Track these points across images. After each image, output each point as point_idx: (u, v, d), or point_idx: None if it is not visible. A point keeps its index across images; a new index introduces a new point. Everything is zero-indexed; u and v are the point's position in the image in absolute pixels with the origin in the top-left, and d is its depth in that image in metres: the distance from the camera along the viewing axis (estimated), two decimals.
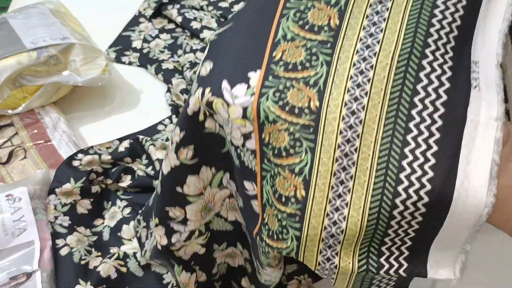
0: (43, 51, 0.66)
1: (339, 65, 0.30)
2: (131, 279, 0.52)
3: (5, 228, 0.52)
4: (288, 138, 0.30)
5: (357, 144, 0.30)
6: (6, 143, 0.64)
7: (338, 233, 0.31)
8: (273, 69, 0.31)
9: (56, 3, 0.82)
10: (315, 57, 0.31)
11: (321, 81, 0.30)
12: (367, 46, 0.30)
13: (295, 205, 0.31)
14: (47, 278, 0.50)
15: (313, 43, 0.31)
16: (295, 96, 0.30)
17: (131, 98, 0.74)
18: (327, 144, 0.30)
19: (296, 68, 0.31)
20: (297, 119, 0.30)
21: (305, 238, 0.31)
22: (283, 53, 0.31)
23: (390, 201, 0.29)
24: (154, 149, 0.61)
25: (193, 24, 0.79)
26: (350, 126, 0.30)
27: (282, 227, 0.32)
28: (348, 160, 0.30)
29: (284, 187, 0.31)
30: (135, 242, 0.55)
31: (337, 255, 0.32)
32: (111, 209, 0.58)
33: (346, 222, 0.30)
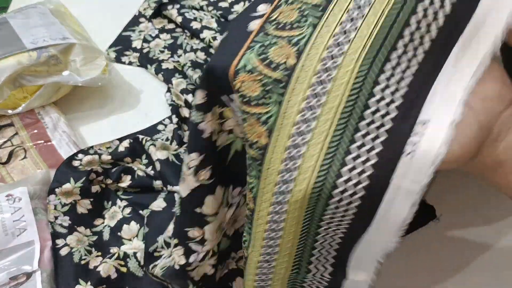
0: (43, 51, 0.66)
1: (324, 27, 0.31)
2: (131, 279, 0.52)
3: (5, 228, 0.52)
4: (260, 89, 0.32)
5: (318, 112, 0.31)
6: (6, 143, 0.64)
7: (287, 191, 0.32)
8: (266, 28, 0.33)
9: (56, 3, 0.82)
10: (304, 18, 0.32)
11: (303, 42, 0.31)
12: (351, 19, 0.31)
13: (258, 151, 0.33)
14: (47, 278, 0.50)
15: (307, 6, 0.33)
16: (276, 53, 0.32)
17: (131, 98, 0.74)
18: (291, 103, 0.31)
19: (285, 27, 0.32)
20: (271, 73, 0.31)
21: (263, 181, 0.33)
22: (279, 14, 0.33)
23: (333, 181, 0.30)
24: (154, 149, 0.61)
25: (193, 24, 0.79)
26: (315, 94, 0.31)
27: (249, 165, 0.34)
28: (306, 126, 0.31)
29: (250, 133, 0.33)
30: (135, 242, 0.55)
31: (281, 230, 0.34)
32: (111, 209, 0.58)
33: (294, 185, 0.32)
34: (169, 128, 0.68)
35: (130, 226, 0.56)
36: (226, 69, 0.33)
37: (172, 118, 0.68)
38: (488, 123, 0.31)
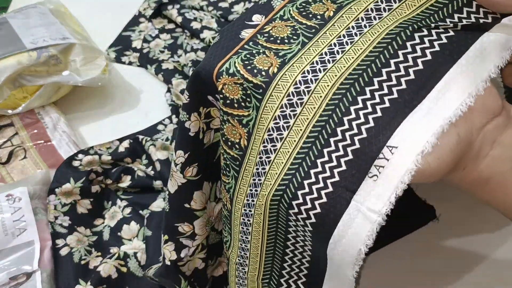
0: (43, 51, 0.66)
1: (313, 46, 0.33)
2: (131, 279, 0.52)
3: (5, 228, 0.52)
4: (241, 93, 0.33)
5: (291, 122, 0.31)
6: (6, 143, 0.64)
7: (255, 194, 0.33)
8: (257, 38, 0.34)
9: (56, 3, 0.82)
10: (296, 36, 0.34)
11: (289, 56, 0.33)
12: (341, 43, 0.33)
13: (238, 151, 0.34)
14: (47, 278, 0.50)
15: (301, 26, 0.34)
16: (260, 61, 0.33)
17: (131, 98, 0.74)
18: (267, 109, 0.32)
19: (275, 41, 0.34)
20: (252, 78, 0.32)
21: (240, 182, 0.34)
22: (272, 28, 0.35)
23: (294, 191, 0.31)
24: (154, 149, 0.61)
25: (193, 24, 0.79)
26: (291, 104, 0.31)
27: (226, 165, 0.36)
28: (278, 134, 0.32)
29: (232, 133, 0.34)
30: (135, 242, 0.55)
31: (249, 234, 0.35)
32: (111, 208, 0.58)
33: (260, 189, 0.32)
34: (169, 128, 0.68)
35: (130, 226, 0.56)
36: (211, 70, 0.34)
37: (172, 118, 0.68)
38: (468, 136, 0.30)
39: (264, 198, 0.32)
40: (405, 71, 0.31)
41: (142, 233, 0.55)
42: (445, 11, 0.33)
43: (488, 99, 0.30)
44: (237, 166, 0.34)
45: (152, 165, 0.62)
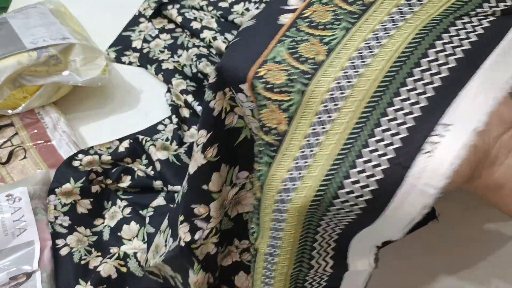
0: (43, 51, 0.66)
1: (357, 32, 0.34)
2: (131, 279, 0.52)
3: (5, 228, 0.52)
4: (285, 78, 0.33)
5: (340, 104, 0.32)
6: (6, 143, 0.64)
7: (299, 178, 0.33)
8: (298, 23, 0.35)
9: (56, 3, 0.82)
10: (338, 22, 0.34)
11: (334, 42, 0.34)
12: (385, 29, 0.34)
13: (276, 136, 0.34)
14: (47, 278, 0.50)
15: (342, 11, 0.35)
16: (306, 48, 0.34)
17: (131, 98, 0.74)
18: (315, 94, 0.32)
19: (317, 27, 0.34)
20: (299, 65, 0.33)
21: (275, 167, 0.34)
22: (313, 12, 0.35)
23: (340, 182, 0.31)
24: (154, 150, 0.61)
25: (193, 24, 0.79)
26: (340, 87, 0.32)
27: (260, 152, 0.35)
28: (328, 117, 0.32)
29: (269, 119, 0.34)
30: (135, 242, 0.55)
31: (284, 221, 0.35)
32: (111, 208, 0.58)
33: (307, 172, 0.33)
34: (169, 128, 0.68)
35: (130, 226, 0.56)
36: (250, 60, 0.34)
37: (172, 118, 0.68)
38: (485, 145, 0.31)
39: (311, 179, 0.32)
40: (453, 50, 0.32)
41: (142, 233, 0.55)
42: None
43: (504, 109, 0.31)
44: (273, 151, 0.34)
45: (152, 165, 0.62)
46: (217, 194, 0.42)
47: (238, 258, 0.49)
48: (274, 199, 0.34)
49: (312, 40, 0.34)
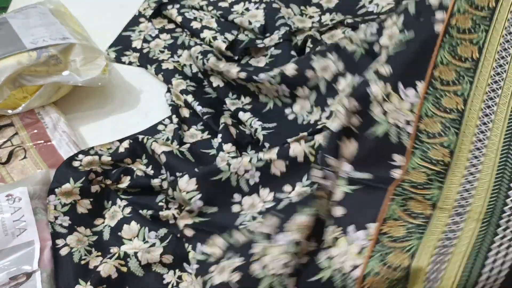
0: (43, 51, 0.66)
1: (493, 32, 0.46)
2: (131, 279, 0.52)
3: (5, 228, 0.52)
4: (454, 75, 0.45)
5: (501, 84, 0.44)
6: (6, 143, 0.64)
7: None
8: (450, 31, 0.46)
9: (56, 3, 0.82)
10: (478, 25, 0.46)
11: (481, 42, 0.46)
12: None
13: (456, 114, 0.44)
14: (47, 278, 0.50)
15: (477, 17, 0.46)
16: (463, 50, 0.46)
17: (131, 98, 0.74)
18: (479, 84, 0.45)
19: (465, 32, 0.46)
20: (461, 63, 0.45)
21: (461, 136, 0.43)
22: (456, 21, 0.46)
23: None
24: (157, 145, 0.61)
25: (193, 24, 0.79)
26: (497, 74, 0.45)
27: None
28: (494, 94, 0.45)
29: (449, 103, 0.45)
30: (135, 241, 0.55)
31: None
32: (111, 208, 0.58)
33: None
34: (169, 128, 0.68)
35: (131, 226, 0.56)
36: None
37: (172, 118, 0.68)
38: None
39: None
40: None
41: (143, 233, 0.55)
42: None
43: None
44: (457, 125, 0.44)
45: (152, 165, 0.62)
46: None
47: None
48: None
49: (464, 43, 0.47)
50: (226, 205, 0.55)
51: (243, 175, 0.56)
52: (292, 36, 0.75)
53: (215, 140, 0.65)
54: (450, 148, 0.42)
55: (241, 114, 0.66)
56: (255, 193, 0.56)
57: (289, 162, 0.55)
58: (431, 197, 0.41)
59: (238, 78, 0.67)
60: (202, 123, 0.68)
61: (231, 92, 0.70)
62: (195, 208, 0.55)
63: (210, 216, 0.55)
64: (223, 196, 0.56)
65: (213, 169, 0.56)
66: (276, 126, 0.64)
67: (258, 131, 0.63)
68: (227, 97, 0.69)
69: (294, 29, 0.75)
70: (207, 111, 0.67)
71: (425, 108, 0.44)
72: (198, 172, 0.55)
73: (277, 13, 0.78)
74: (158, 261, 0.53)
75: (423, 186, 0.42)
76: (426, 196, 0.41)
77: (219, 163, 0.56)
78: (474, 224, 0.37)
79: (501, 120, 0.42)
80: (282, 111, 0.67)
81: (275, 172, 0.56)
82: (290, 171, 0.55)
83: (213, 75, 0.71)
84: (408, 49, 0.47)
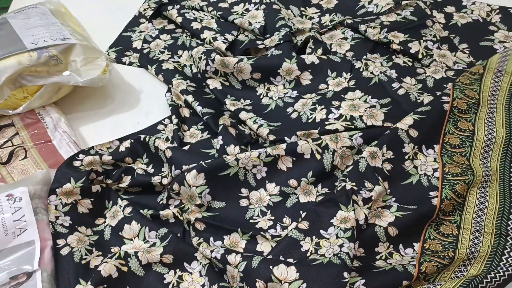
0: (43, 52, 0.66)
1: (480, 113, 0.63)
2: (132, 279, 0.52)
3: (6, 228, 0.52)
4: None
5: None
6: (6, 143, 0.64)
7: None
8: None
9: (56, 3, 0.82)
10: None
11: (474, 119, 0.63)
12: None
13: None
14: (47, 277, 0.50)
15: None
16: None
17: (131, 98, 0.74)
18: (480, 127, 0.63)
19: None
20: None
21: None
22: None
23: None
24: (161, 141, 0.62)
25: (193, 25, 0.79)
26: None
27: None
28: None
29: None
30: (136, 241, 0.55)
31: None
32: (112, 208, 0.58)
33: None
34: (169, 128, 0.68)
35: (132, 226, 0.56)
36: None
37: (172, 118, 0.68)
38: None
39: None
40: None
41: (143, 233, 0.56)
42: None
43: None
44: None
45: (152, 164, 0.62)
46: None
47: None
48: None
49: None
50: (234, 200, 0.58)
51: (250, 170, 0.59)
52: (292, 36, 0.75)
53: (215, 140, 0.65)
54: (468, 185, 0.56)
55: (242, 114, 0.66)
56: (262, 187, 0.59)
57: (296, 158, 0.59)
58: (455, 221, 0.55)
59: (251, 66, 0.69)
60: (202, 123, 0.68)
61: (230, 94, 0.70)
62: (205, 202, 0.57)
63: (218, 211, 0.57)
64: (231, 190, 0.58)
65: (221, 164, 0.58)
66: (281, 125, 0.65)
67: (263, 126, 0.63)
68: (226, 98, 0.69)
69: (294, 30, 0.76)
70: (207, 111, 0.67)
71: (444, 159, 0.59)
72: (206, 167, 0.57)
73: (277, 14, 0.78)
74: (158, 261, 0.53)
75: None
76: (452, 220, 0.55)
77: (227, 158, 0.58)
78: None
79: (494, 167, 0.57)
80: (284, 111, 0.67)
81: (281, 167, 0.59)
82: (296, 167, 0.59)
83: (211, 77, 0.72)
84: (428, 118, 0.61)
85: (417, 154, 0.60)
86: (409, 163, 0.60)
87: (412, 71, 0.70)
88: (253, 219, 0.57)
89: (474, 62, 0.72)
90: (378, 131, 0.61)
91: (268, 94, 0.70)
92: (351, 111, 0.63)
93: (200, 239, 0.54)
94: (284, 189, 0.58)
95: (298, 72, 0.69)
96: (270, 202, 0.58)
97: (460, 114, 0.62)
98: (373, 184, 0.55)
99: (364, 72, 0.68)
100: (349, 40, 0.75)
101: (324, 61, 0.70)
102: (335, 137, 0.59)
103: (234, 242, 0.54)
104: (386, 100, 0.65)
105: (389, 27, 0.74)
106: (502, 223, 0.52)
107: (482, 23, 0.79)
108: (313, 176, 0.58)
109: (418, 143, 0.61)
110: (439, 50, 0.73)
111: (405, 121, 0.61)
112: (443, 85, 0.68)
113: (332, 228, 0.52)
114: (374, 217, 0.54)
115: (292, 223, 0.56)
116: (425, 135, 0.61)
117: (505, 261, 0.49)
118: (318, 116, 0.64)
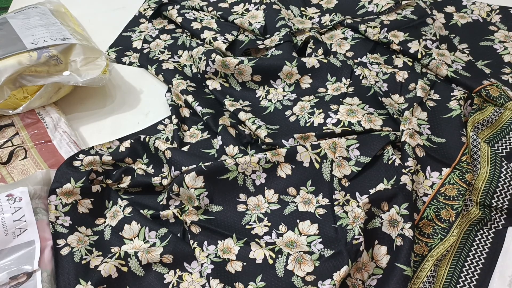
0: (43, 52, 0.66)
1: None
2: (132, 279, 0.52)
3: (6, 228, 0.52)
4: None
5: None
6: (6, 143, 0.64)
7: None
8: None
9: (56, 3, 0.82)
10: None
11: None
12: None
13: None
14: (47, 277, 0.50)
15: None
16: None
17: (131, 98, 0.74)
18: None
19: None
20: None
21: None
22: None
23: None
24: (161, 142, 0.62)
25: (193, 25, 0.79)
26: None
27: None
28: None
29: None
30: (136, 241, 0.55)
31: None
32: (112, 208, 0.59)
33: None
34: (169, 128, 0.68)
35: (132, 226, 0.56)
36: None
37: (172, 118, 0.68)
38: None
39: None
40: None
41: (143, 233, 0.56)
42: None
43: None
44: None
45: (152, 164, 0.62)
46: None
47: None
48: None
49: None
50: (232, 204, 0.58)
51: (250, 175, 0.59)
52: (292, 37, 0.75)
53: (215, 140, 0.65)
54: (457, 211, 0.55)
55: (241, 114, 0.66)
56: (260, 193, 0.59)
57: (295, 166, 0.59)
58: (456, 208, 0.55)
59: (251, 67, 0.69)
60: (202, 123, 0.68)
61: (229, 95, 0.70)
62: (203, 205, 0.57)
63: (215, 215, 0.57)
64: (229, 195, 0.58)
65: (221, 168, 0.57)
66: (278, 128, 0.65)
67: (262, 127, 0.63)
68: (225, 98, 0.69)
69: (294, 30, 0.76)
70: (207, 112, 0.67)
71: (450, 177, 0.58)
72: (205, 170, 0.57)
73: (277, 14, 0.78)
74: (158, 261, 0.53)
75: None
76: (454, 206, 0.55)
77: (227, 162, 0.57)
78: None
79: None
80: (282, 114, 0.67)
81: (280, 174, 0.59)
82: (295, 174, 0.59)
83: (211, 78, 0.72)
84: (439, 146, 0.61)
85: (418, 172, 0.58)
86: (405, 177, 0.57)
87: (404, 89, 0.67)
88: (249, 225, 0.57)
89: (473, 61, 0.72)
90: (373, 146, 0.59)
91: (267, 96, 0.70)
92: (349, 116, 0.63)
93: (194, 243, 0.54)
94: (283, 197, 0.58)
95: (298, 76, 0.69)
96: (268, 210, 0.57)
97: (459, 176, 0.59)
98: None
99: (363, 80, 0.68)
100: (349, 40, 0.75)
101: (324, 64, 0.69)
102: (333, 146, 0.59)
103: (227, 248, 0.54)
104: (384, 111, 0.64)
105: (389, 26, 0.74)
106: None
107: (482, 23, 0.79)
108: (312, 185, 0.58)
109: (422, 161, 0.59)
110: (438, 50, 0.73)
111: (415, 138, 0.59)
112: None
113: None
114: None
115: (288, 231, 0.56)
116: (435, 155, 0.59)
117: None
118: (316, 120, 0.64)
